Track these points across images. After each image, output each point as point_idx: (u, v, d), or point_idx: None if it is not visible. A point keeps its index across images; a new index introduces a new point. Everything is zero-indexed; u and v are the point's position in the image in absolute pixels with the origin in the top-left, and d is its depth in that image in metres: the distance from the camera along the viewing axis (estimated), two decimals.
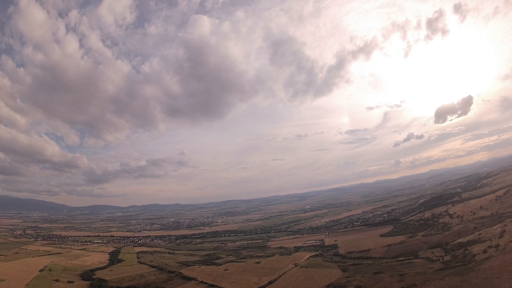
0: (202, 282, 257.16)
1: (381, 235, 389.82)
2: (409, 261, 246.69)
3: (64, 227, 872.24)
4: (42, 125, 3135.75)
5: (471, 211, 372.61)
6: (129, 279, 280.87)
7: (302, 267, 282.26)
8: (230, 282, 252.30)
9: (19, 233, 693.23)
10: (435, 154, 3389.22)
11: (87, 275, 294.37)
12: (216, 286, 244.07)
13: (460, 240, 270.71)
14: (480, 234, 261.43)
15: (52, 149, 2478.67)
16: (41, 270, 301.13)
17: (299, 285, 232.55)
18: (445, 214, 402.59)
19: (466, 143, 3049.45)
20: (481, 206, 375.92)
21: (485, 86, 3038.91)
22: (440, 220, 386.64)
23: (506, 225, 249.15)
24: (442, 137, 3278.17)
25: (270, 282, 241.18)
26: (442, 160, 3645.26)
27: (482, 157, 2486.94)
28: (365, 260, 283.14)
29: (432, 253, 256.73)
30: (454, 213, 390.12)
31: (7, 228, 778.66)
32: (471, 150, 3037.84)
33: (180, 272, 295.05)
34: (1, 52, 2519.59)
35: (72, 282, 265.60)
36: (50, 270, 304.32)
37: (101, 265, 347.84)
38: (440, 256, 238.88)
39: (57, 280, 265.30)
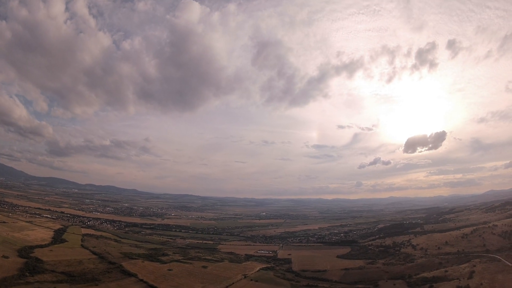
0: (141, 280, 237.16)
1: (338, 256, 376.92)
2: None
3: (17, 195, 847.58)
4: (14, 85, 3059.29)
5: (435, 245, 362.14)
6: (67, 263, 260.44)
7: (252, 279, 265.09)
8: (171, 285, 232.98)
9: None
10: (397, 182, 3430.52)
11: (25, 251, 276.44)
12: None
13: (425, 274, 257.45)
14: (446, 271, 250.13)
15: (20, 112, 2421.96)
16: None
17: None
18: (408, 244, 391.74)
19: (430, 176, 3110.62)
20: (446, 242, 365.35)
21: (458, 124, 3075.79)
22: (402, 250, 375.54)
23: (475, 266, 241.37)
24: (408, 166, 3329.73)
25: None
26: (404, 189, 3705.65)
27: (444, 192, 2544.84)
28: (320, 282, 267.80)
29: (394, 284, 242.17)
30: (417, 244, 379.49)
31: None
32: (433, 184, 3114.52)
33: (121, 265, 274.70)
34: None
35: (7, 257, 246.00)
36: None
37: (43, 243, 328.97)
38: None
39: None
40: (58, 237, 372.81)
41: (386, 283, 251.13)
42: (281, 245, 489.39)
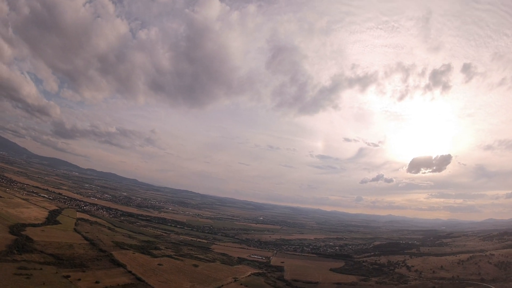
0: (130, 272, 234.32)
1: (331, 269, 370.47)
2: None
3: (17, 171, 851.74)
4: (26, 62, 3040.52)
5: (430, 269, 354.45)
6: (57, 245, 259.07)
7: (241, 284, 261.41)
8: (160, 280, 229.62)
9: None
10: (398, 200, 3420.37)
11: (17, 229, 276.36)
12: (143, 281, 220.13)
13: None
14: None
15: (29, 89, 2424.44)
16: None
17: None
18: (402, 264, 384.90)
19: (431, 198, 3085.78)
20: (442, 266, 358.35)
21: (464, 149, 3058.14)
22: (397, 270, 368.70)
23: None
24: (410, 186, 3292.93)
25: None
26: (403, 208, 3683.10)
27: (443, 216, 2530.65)
28: None
29: None
30: (412, 266, 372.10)
31: None
32: (433, 206, 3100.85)
33: (111, 254, 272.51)
34: None
35: None
36: None
37: (36, 222, 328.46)
38: None
39: None
40: (52, 218, 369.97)
41: None
42: (275, 251, 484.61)
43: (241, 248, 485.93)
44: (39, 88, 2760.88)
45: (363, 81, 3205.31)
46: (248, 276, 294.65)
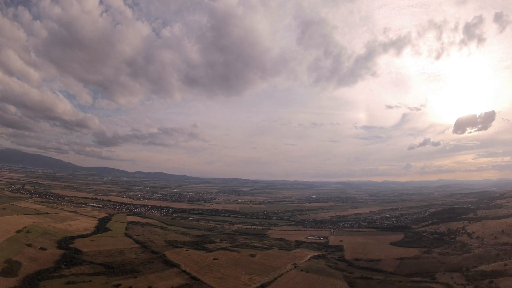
0: (184, 272, 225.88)
1: (391, 243, 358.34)
2: (426, 285, 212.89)
3: (64, 186, 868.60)
4: (55, 82, 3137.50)
5: (491, 234, 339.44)
6: (107, 253, 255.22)
7: (302, 270, 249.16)
8: (215, 277, 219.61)
9: (17, 187, 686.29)
10: (446, 164, 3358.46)
11: (65, 242, 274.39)
12: (198, 280, 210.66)
13: (483, 267, 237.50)
14: (506, 265, 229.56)
15: (63, 106, 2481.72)
16: (18, 231, 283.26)
17: None
18: (463, 231, 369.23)
19: (478, 158, 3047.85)
20: (502, 230, 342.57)
21: (506, 105, 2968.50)
22: (458, 238, 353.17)
23: None
24: (457, 148, 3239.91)
25: (262, 286, 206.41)
26: (452, 171, 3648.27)
27: (492, 175, 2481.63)
28: (375, 273, 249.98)
29: (452, 278, 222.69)
30: (473, 232, 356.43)
31: (7, 181, 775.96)
32: (482, 167, 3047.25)
33: (164, 254, 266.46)
34: (18, 3, 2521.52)
35: (45, 249, 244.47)
36: (28, 232, 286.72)
37: (85, 232, 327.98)
38: (461, 285, 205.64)
39: (29, 245, 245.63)
40: (101, 226, 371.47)
41: (443, 275, 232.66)
42: (332, 230, 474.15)
43: (297, 230, 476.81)
44: (73, 103, 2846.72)
45: (397, 44, 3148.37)
46: (308, 260, 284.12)
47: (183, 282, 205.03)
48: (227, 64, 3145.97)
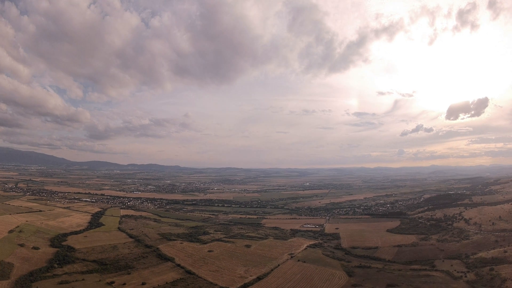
0: (178, 265, 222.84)
1: (388, 230, 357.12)
2: (426, 273, 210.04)
3: (57, 182, 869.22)
4: (45, 77, 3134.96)
5: (489, 220, 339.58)
6: (100, 250, 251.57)
7: (299, 260, 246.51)
8: (211, 270, 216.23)
9: (10, 186, 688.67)
10: (439, 150, 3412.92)
11: (58, 240, 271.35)
12: (193, 274, 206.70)
13: (482, 254, 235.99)
14: (505, 252, 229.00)
15: (54, 101, 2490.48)
16: (10, 231, 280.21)
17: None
18: (459, 217, 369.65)
19: (471, 144, 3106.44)
20: (500, 217, 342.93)
21: (499, 91, 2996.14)
22: (455, 224, 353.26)
23: None
24: (450, 134, 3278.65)
25: (258, 278, 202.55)
26: (445, 157, 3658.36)
27: (485, 161, 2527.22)
28: (373, 261, 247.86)
29: (451, 265, 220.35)
30: (470, 218, 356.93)
31: (0, 181, 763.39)
32: (474, 153, 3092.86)
33: (157, 248, 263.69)
34: None
35: (37, 248, 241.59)
36: (20, 231, 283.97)
37: (78, 229, 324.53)
38: (462, 272, 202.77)
39: (21, 245, 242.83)
40: (95, 221, 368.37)
41: (442, 263, 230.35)
42: (327, 217, 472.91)
43: (292, 218, 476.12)
44: (64, 98, 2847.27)
45: (390, 30, 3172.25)
46: (304, 249, 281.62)
47: (177, 276, 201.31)
48: (217, 53, 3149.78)
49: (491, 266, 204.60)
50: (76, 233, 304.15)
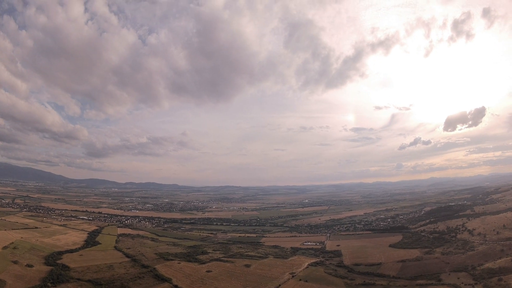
0: (176, 286, 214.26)
1: (390, 245, 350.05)
2: (433, 287, 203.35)
3: (55, 199, 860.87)
4: (43, 93, 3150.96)
5: (493, 229, 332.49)
6: (96, 269, 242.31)
7: (300, 279, 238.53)
8: None
9: (6, 202, 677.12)
10: (437, 162, 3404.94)
11: (53, 258, 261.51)
12: None
13: (489, 265, 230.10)
14: None
15: (52, 118, 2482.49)
16: (4, 248, 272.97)
17: None
18: (463, 228, 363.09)
19: (469, 155, 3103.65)
20: (504, 225, 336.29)
21: (495, 100, 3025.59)
22: (459, 236, 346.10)
23: None
24: (447, 146, 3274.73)
25: None
26: (444, 169, 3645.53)
27: (484, 171, 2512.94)
28: (377, 278, 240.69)
29: (458, 278, 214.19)
30: (474, 229, 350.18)
31: None
32: (473, 163, 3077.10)
33: (154, 268, 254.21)
34: (3, 12, 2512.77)
35: (31, 266, 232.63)
36: (14, 248, 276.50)
37: (73, 247, 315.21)
38: (469, 285, 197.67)
39: (15, 262, 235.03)
40: (91, 240, 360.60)
41: (449, 276, 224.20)
42: (328, 234, 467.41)
43: (292, 236, 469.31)
44: (62, 115, 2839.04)
45: (386, 44, 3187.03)
46: (306, 268, 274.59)
47: None
48: (214, 70, 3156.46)
49: (499, 276, 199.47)
50: (71, 251, 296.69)
